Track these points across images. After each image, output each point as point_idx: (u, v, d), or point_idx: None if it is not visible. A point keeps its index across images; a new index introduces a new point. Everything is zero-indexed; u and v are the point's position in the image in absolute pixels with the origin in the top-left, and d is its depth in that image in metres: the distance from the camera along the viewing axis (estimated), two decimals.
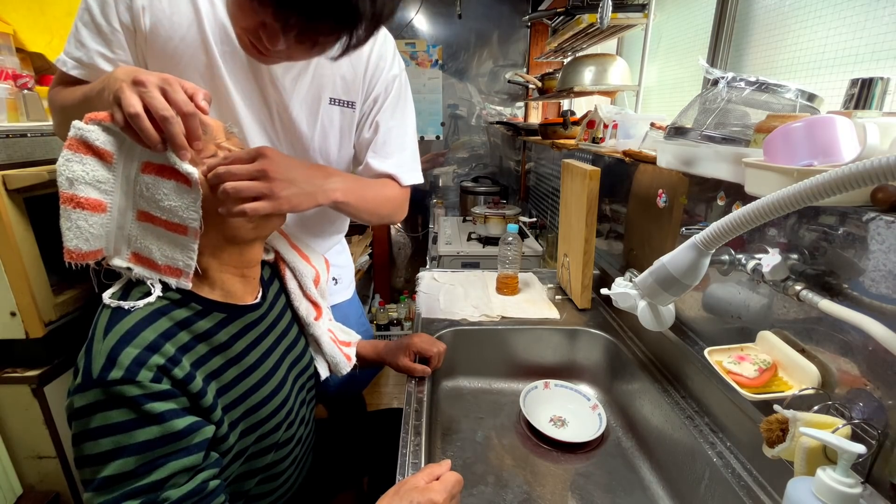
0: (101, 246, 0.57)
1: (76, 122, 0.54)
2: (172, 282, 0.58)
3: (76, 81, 0.70)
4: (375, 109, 0.86)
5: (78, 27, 0.70)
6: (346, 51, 0.60)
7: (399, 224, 2.95)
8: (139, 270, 0.58)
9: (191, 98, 0.54)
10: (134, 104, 0.51)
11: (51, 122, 1.10)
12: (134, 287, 0.58)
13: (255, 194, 0.59)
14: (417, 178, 0.93)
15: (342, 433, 1.00)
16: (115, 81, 0.54)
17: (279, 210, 0.63)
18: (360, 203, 0.79)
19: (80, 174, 0.53)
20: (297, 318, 0.81)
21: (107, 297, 0.57)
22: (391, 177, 0.89)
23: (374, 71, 0.83)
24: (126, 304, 0.55)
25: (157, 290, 0.57)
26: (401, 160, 0.89)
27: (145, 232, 0.57)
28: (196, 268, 0.59)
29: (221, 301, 0.63)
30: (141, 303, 0.55)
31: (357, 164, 0.92)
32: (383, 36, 0.84)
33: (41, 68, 1.23)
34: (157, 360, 0.52)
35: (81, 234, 0.54)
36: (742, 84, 0.71)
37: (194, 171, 0.55)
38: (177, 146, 0.54)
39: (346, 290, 1.11)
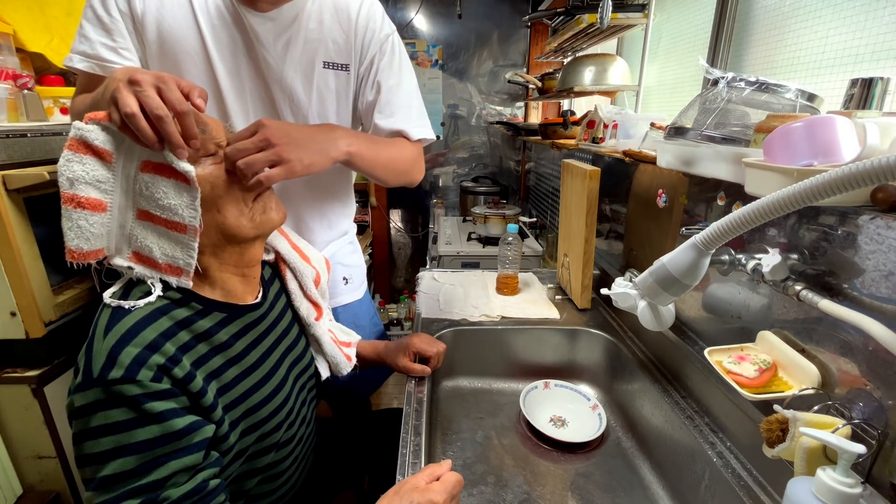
0: (103, 245, 0.57)
1: (76, 123, 0.54)
2: (173, 280, 0.58)
3: (94, 87, 0.70)
4: (374, 70, 0.87)
5: (82, 24, 0.73)
6: None
7: (399, 224, 2.95)
8: (140, 269, 0.58)
9: (187, 96, 0.54)
10: (130, 104, 0.51)
11: (51, 123, 1.10)
12: (134, 286, 0.58)
13: (266, 164, 0.60)
14: (428, 134, 0.92)
15: (343, 433, 1.00)
16: (112, 82, 0.54)
17: (294, 172, 0.63)
18: (372, 156, 0.79)
19: (80, 174, 0.53)
20: (297, 318, 0.81)
21: (107, 296, 0.57)
22: (400, 133, 0.89)
23: (364, 32, 0.84)
24: (126, 304, 0.55)
25: (158, 290, 0.58)
26: (408, 116, 0.89)
27: (146, 231, 0.58)
28: (196, 267, 0.59)
29: (222, 301, 0.63)
30: (141, 302, 0.56)
31: (364, 131, 0.92)
32: (370, 1, 0.86)
33: (41, 68, 1.23)
34: (158, 359, 0.52)
35: (82, 234, 0.55)
36: (742, 84, 0.71)
37: (191, 169, 0.55)
38: (173, 145, 0.54)
39: (358, 289, 1.11)
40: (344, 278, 1.07)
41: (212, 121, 0.63)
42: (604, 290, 0.87)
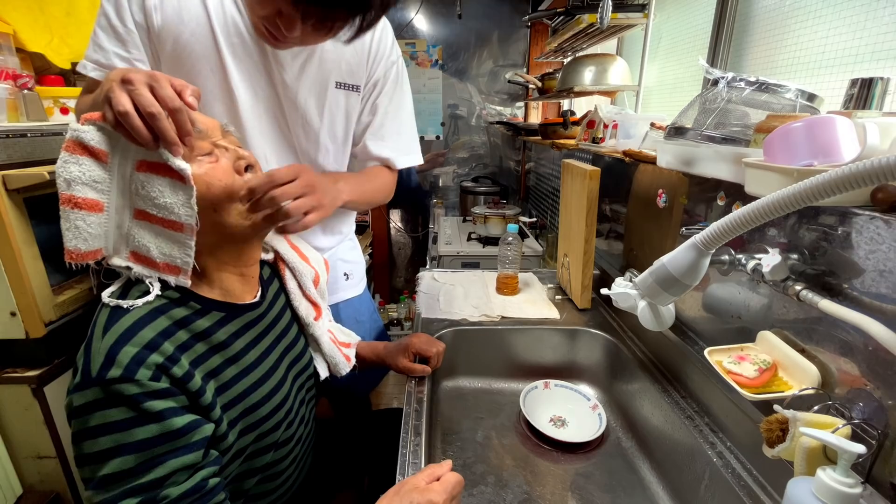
0: (101, 245, 0.57)
1: (72, 124, 0.54)
2: (171, 279, 0.58)
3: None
4: (375, 93, 0.90)
5: (96, 31, 0.74)
6: (356, 34, 0.65)
7: (399, 224, 2.95)
8: (138, 269, 0.58)
9: (179, 94, 0.54)
10: (123, 102, 0.51)
11: (51, 123, 1.10)
12: (133, 286, 0.58)
13: (308, 209, 0.67)
14: (413, 161, 0.99)
15: (343, 433, 1.00)
16: (107, 82, 0.55)
17: (325, 216, 0.71)
18: (361, 197, 0.89)
19: (76, 175, 0.53)
20: (296, 317, 0.81)
21: (105, 296, 0.57)
22: (386, 160, 0.95)
23: (375, 56, 0.87)
24: (125, 303, 0.55)
25: (156, 289, 0.57)
26: (397, 144, 0.95)
27: (143, 230, 0.57)
28: (195, 267, 0.59)
29: (220, 300, 0.63)
30: (139, 302, 0.55)
31: (354, 145, 0.96)
32: (383, 24, 0.87)
33: (41, 68, 1.23)
34: (156, 358, 0.52)
35: (80, 235, 0.55)
36: (742, 84, 0.71)
37: (187, 167, 0.55)
38: (167, 142, 0.54)
39: (358, 285, 1.12)
40: (345, 274, 1.08)
41: (207, 120, 0.63)
42: (604, 290, 0.87)
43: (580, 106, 2.19)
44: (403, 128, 0.96)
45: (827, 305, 0.53)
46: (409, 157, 0.97)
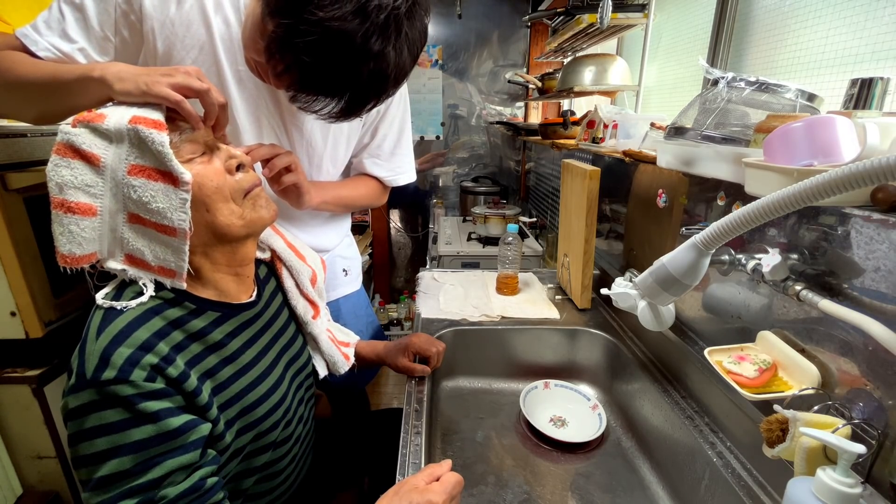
0: (95, 249, 0.56)
1: (63, 127, 0.53)
2: (167, 282, 0.58)
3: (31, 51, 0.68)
4: (378, 119, 0.93)
5: (65, 17, 0.68)
6: (343, 115, 0.64)
7: (399, 224, 2.95)
8: (133, 272, 0.57)
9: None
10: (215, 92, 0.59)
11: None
12: (127, 287, 0.58)
13: (286, 164, 0.77)
14: (407, 179, 1.03)
15: (343, 432, 1.00)
16: (136, 76, 0.57)
17: (301, 182, 0.79)
18: (336, 201, 0.93)
19: (68, 179, 0.53)
20: (294, 316, 0.81)
21: (100, 297, 0.56)
22: (381, 179, 0.99)
23: None
24: (119, 305, 0.54)
25: (150, 290, 0.57)
26: (393, 164, 0.99)
27: (136, 234, 0.57)
28: (188, 268, 0.59)
29: (215, 300, 0.63)
30: (133, 303, 0.55)
31: (352, 156, 0.98)
32: None
33: None
34: (151, 359, 0.52)
35: (74, 239, 0.54)
36: (742, 84, 0.71)
37: (187, 173, 0.55)
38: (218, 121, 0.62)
39: (356, 280, 1.14)
40: (343, 270, 1.09)
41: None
42: (604, 290, 0.87)
43: (580, 106, 2.19)
44: (400, 149, 0.98)
45: (827, 305, 0.53)
46: (404, 175, 1.01)
